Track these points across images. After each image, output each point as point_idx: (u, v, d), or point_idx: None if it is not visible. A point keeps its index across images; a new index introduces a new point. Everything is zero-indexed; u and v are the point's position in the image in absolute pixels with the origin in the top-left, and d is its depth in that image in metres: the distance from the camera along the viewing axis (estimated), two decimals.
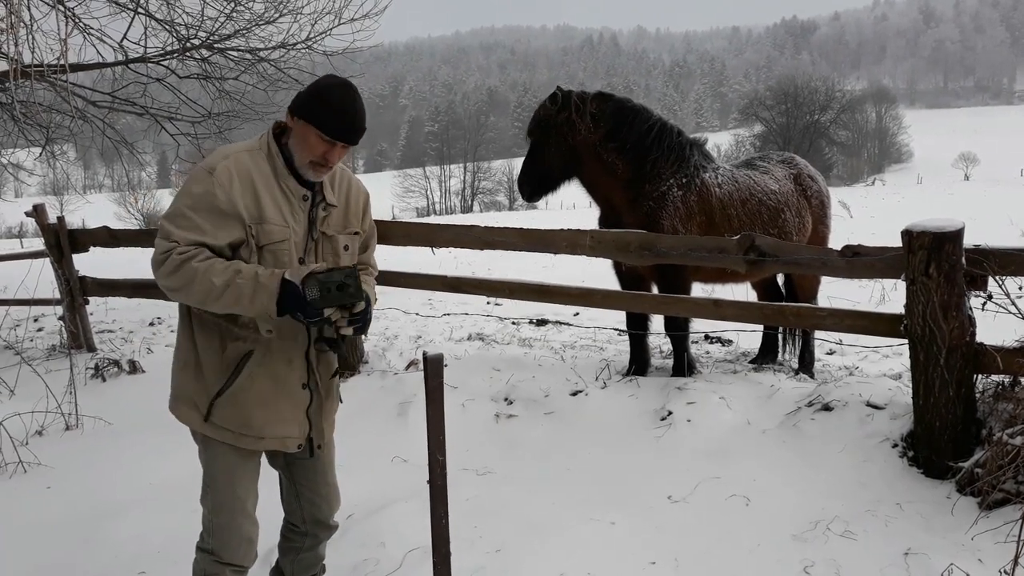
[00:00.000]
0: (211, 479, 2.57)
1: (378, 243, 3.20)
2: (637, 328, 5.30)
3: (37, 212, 6.96)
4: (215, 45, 8.58)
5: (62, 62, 4.41)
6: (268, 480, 2.76)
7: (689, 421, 4.35)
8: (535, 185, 5.21)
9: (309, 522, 2.79)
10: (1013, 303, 3.52)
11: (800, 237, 5.51)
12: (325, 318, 2.32)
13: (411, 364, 5.64)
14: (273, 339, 2.45)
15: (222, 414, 2.47)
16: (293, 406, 2.55)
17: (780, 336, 5.99)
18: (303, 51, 9.11)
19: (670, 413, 4.45)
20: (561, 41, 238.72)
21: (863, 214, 21.85)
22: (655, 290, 5.31)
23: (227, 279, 2.25)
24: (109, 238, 6.89)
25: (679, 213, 5.02)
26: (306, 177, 2.44)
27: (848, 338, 4.94)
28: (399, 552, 3.35)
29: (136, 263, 9.48)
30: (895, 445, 3.85)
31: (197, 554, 2.64)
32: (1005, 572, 2.68)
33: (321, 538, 2.87)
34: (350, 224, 2.60)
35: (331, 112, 2.34)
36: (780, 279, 6.07)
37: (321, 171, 2.43)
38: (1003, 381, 3.72)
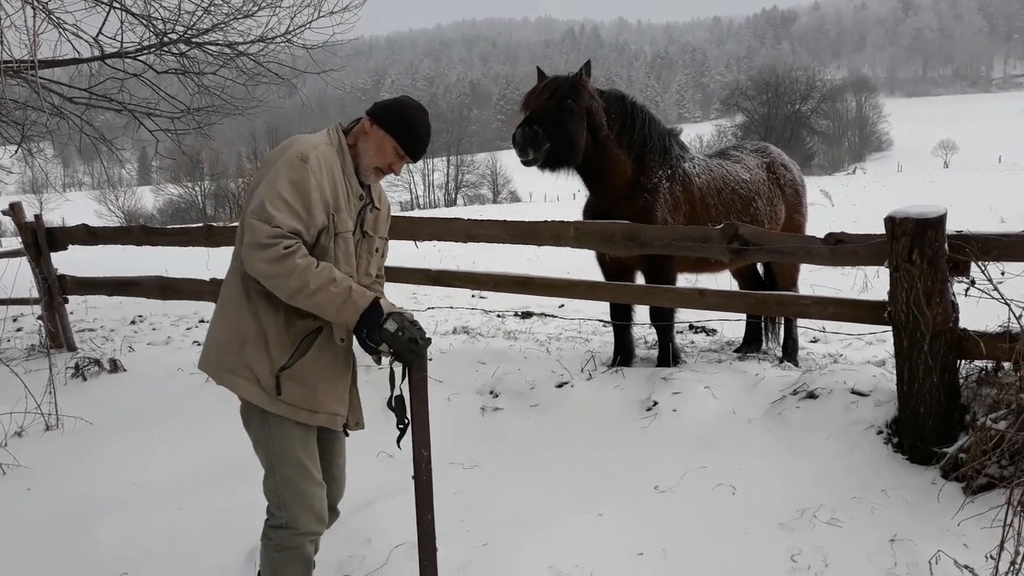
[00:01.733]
0: (278, 453, 2.61)
1: None
2: (621, 319, 5.30)
3: (14, 210, 6.86)
4: (193, 40, 8.46)
5: (33, 58, 4.32)
6: (251, 471, 2.72)
7: (675, 411, 4.35)
8: (561, 148, 4.74)
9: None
10: (995, 288, 3.53)
11: (772, 225, 5.54)
12: (379, 351, 2.51)
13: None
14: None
15: (287, 387, 2.55)
16: (344, 387, 2.71)
17: (763, 324, 6.02)
18: (282, 45, 9.00)
19: (656, 403, 4.45)
20: (543, 33, 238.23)
21: (844, 202, 21.95)
22: (640, 280, 5.31)
23: (322, 283, 2.40)
24: (88, 235, 6.81)
25: (668, 204, 5.05)
26: (365, 180, 2.68)
27: (832, 326, 4.96)
28: (385, 548, 3.33)
29: (117, 260, 9.40)
30: (880, 432, 3.86)
31: (268, 531, 2.67)
32: (991, 557, 2.69)
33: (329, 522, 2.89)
34: (380, 229, 2.80)
35: (414, 132, 2.64)
36: (760, 267, 6.09)
37: (380, 176, 2.71)
38: (986, 366, 3.74)
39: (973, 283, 3.66)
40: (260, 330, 2.54)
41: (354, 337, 2.61)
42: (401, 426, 2.69)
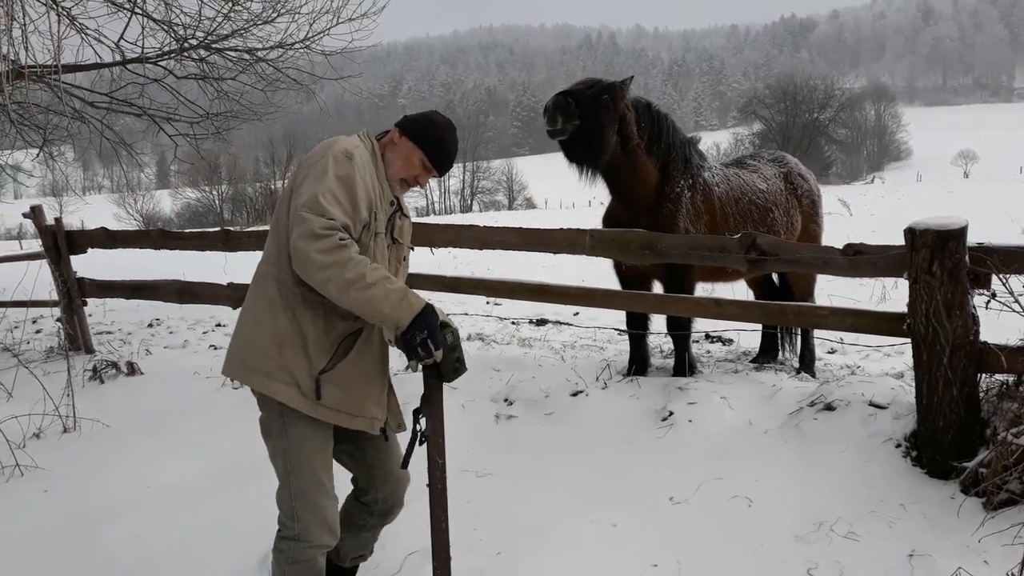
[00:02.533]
0: (295, 464, 2.59)
1: None
2: (637, 328, 5.28)
3: (35, 214, 6.93)
4: (213, 45, 8.54)
5: (56, 63, 4.38)
6: (265, 475, 2.73)
7: (691, 421, 4.32)
8: (591, 135, 4.63)
9: (382, 500, 2.87)
10: (1017, 301, 3.49)
11: (789, 235, 5.51)
12: (421, 356, 2.44)
13: (409, 365, 5.60)
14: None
15: (327, 390, 2.53)
16: (381, 390, 2.71)
17: (779, 335, 5.98)
18: (301, 51, 9.07)
19: (671, 413, 4.42)
20: (560, 40, 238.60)
21: (863, 212, 21.80)
22: (657, 289, 5.29)
23: (378, 278, 2.36)
24: (107, 239, 6.86)
25: (690, 214, 5.03)
26: (392, 190, 2.71)
27: (849, 337, 4.92)
28: (399, 555, 3.33)
29: (135, 264, 9.46)
30: (898, 445, 3.82)
31: (279, 543, 2.65)
32: (1012, 575, 2.65)
33: (389, 518, 2.95)
34: (406, 238, 2.84)
35: (442, 147, 2.70)
36: (775, 276, 6.06)
37: (405, 188, 2.76)
38: (1007, 380, 3.69)
39: (994, 296, 3.61)
40: (299, 333, 2.52)
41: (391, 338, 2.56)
42: (422, 442, 2.65)
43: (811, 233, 5.79)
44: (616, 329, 6.03)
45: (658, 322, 5.48)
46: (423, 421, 2.62)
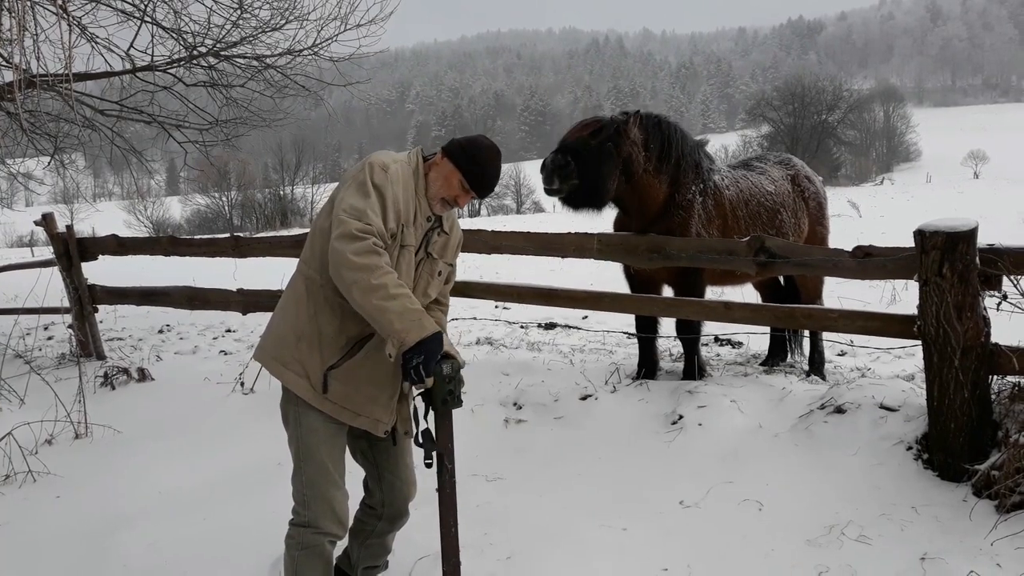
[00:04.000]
0: (306, 452, 2.75)
1: None
2: (646, 331, 5.27)
3: (46, 221, 6.98)
4: (222, 53, 8.58)
5: (67, 71, 4.41)
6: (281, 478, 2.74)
7: (700, 425, 4.31)
8: (589, 189, 4.66)
9: (387, 504, 2.98)
10: None
11: (796, 238, 5.50)
12: (413, 379, 2.54)
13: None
14: None
15: (333, 385, 2.69)
16: (389, 395, 2.80)
17: (788, 337, 5.96)
18: (309, 57, 9.10)
19: (681, 417, 4.41)
20: (567, 44, 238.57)
21: (872, 214, 21.71)
22: (666, 293, 5.28)
23: (400, 294, 2.50)
24: (117, 246, 6.90)
25: (702, 219, 5.02)
26: (432, 208, 2.78)
27: (859, 339, 4.90)
28: (409, 560, 3.33)
29: (146, 270, 9.51)
30: (909, 448, 3.80)
31: (291, 530, 2.79)
32: None
33: (395, 524, 3.04)
34: (447, 255, 2.90)
35: (481, 170, 2.74)
36: (782, 279, 6.04)
37: (446, 208, 2.80)
38: (1019, 382, 3.67)
39: (1005, 297, 3.60)
40: (316, 331, 2.70)
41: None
42: (429, 461, 2.73)
43: (818, 235, 5.78)
44: (625, 333, 6.03)
45: (667, 325, 5.48)
46: (430, 442, 2.73)
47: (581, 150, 4.58)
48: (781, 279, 6.03)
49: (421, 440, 2.71)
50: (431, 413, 2.70)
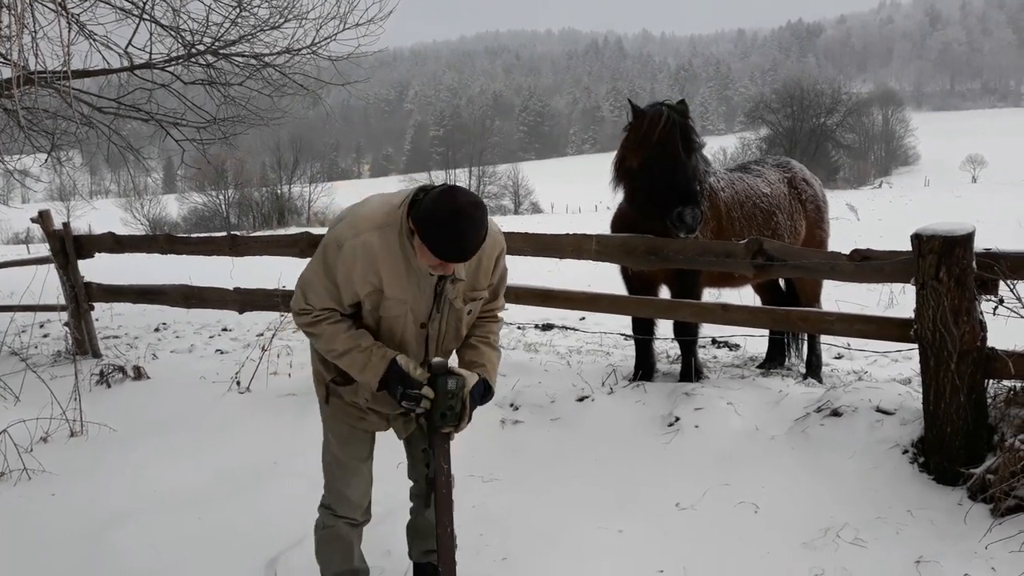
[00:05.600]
0: (328, 441, 2.94)
1: None
2: (643, 333, 5.27)
3: (42, 218, 6.96)
4: (220, 51, 8.57)
5: (65, 69, 4.41)
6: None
7: (697, 427, 4.31)
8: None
9: (415, 480, 3.12)
10: None
11: (792, 240, 5.50)
12: (409, 407, 2.62)
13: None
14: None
15: (334, 396, 2.87)
16: (391, 407, 2.81)
17: (786, 340, 5.96)
18: (308, 56, 9.09)
19: (678, 419, 4.41)
20: (566, 45, 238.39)
21: (870, 217, 21.74)
22: (664, 295, 5.28)
23: (347, 348, 2.63)
24: (114, 244, 6.89)
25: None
26: (430, 272, 2.57)
27: (856, 342, 4.90)
28: (405, 561, 3.32)
29: (142, 268, 9.49)
30: (905, 451, 3.81)
31: (319, 511, 2.99)
32: None
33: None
34: (479, 284, 2.74)
35: (443, 240, 2.40)
36: (782, 281, 6.05)
37: (440, 272, 2.55)
38: (1015, 386, 3.68)
39: (1001, 302, 3.61)
40: (315, 349, 2.87)
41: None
42: (430, 474, 2.72)
43: (817, 238, 5.79)
44: (622, 334, 6.03)
45: (664, 327, 5.48)
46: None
47: (699, 183, 4.65)
48: (781, 282, 6.04)
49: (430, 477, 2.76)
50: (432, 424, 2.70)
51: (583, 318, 8.20)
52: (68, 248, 6.86)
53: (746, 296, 6.39)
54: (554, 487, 4.01)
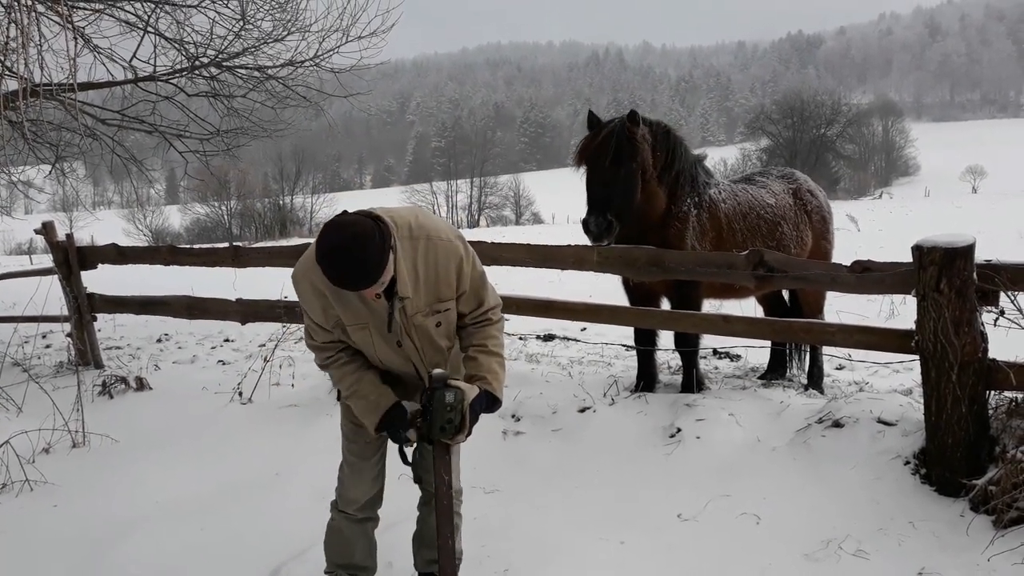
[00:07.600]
0: (342, 438, 3.08)
1: None
2: (645, 344, 5.28)
3: (46, 229, 6.98)
4: (224, 63, 8.62)
5: (71, 81, 4.43)
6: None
7: (698, 438, 4.31)
8: (628, 222, 4.74)
9: (424, 484, 3.13)
10: None
11: (799, 251, 5.50)
12: (405, 444, 2.81)
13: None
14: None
15: (343, 406, 3.03)
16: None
17: (788, 351, 5.97)
18: (311, 68, 9.13)
19: (679, 430, 4.41)
20: (567, 57, 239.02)
21: (871, 228, 21.75)
22: (665, 305, 5.29)
23: (351, 391, 2.83)
24: (117, 255, 6.91)
25: (697, 231, 5.05)
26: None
27: (858, 353, 4.91)
28: (406, 572, 3.33)
29: (145, 280, 9.50)
30: (907, 462, 3.81)
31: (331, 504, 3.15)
32: None
33: (430, 506, 3.13)
34: (441, 295, 2.73)
35: (331, 273, 2.44)
36: (785, 293, 6.05)
37: (371, 295, 2.55)
38: (1016, 398, 3.68)
39: (1002, 313, 3.62)
40: None
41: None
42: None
43: (822, 250, 5.79)
44: (624, 345, 6.04)
45: (666, 338, 5.48)
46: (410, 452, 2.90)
47: (614, 195, 4.68)
48: (785, 294, 6.04)
49: (410, 460, 2.85)
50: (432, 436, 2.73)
51: (584, 329, 8.21)
52: (71, 259, 6.88)
53: (748, 308, 6.39)
54: (556, 498, 4.01)
